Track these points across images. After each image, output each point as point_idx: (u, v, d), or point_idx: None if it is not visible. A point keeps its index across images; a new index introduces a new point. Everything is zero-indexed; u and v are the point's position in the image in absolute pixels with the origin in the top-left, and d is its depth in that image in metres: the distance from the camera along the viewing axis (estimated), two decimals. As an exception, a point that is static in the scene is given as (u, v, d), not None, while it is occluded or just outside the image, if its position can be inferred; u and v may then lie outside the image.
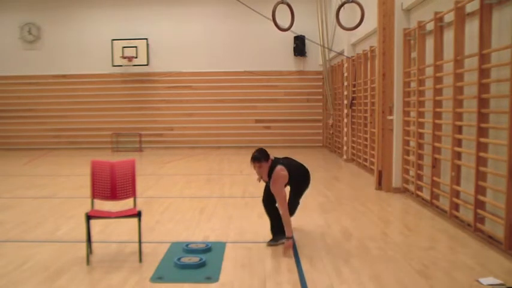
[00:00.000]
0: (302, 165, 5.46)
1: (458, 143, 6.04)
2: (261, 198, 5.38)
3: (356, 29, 6.72)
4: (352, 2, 6.22)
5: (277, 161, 5.15)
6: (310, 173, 5.44)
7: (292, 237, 4.97)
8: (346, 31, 6.98)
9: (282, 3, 6.23)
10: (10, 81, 16.74)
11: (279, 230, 5.19)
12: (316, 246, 5.16)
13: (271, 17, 6.21)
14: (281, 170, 5.04)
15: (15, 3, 16.54)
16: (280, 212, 5.02)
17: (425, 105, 7.24)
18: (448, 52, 6.40)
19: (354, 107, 12.20)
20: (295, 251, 4.99)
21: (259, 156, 5.05)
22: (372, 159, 10.04)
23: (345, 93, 12.73)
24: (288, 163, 5.24)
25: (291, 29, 6.50)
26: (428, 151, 7.10)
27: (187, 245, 5.06)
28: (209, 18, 16.44)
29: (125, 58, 16.09)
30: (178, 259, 4.62)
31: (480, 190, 5.39)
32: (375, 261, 4.65)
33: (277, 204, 5.09)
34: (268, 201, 5.27)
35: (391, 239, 5.46)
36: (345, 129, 12.77)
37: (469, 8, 5.79)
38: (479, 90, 5.34)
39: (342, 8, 6.43)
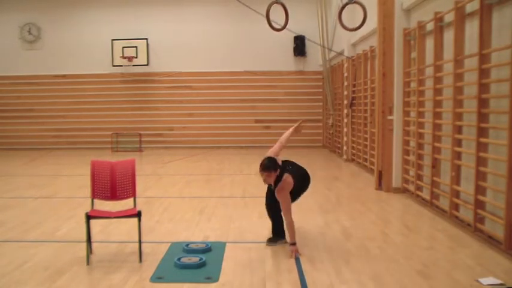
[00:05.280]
0: (304, 170, 5.38)
1: (458, 143, 6.04)
2: (261, 198, 5.38)
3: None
4: (354, 2, 6.19)
5: (284, 168, 5.03)
6: (310, 174, 5.44)
7: (295, 243, 4.90)
8: (347, 31, 6.97)
9: (277, 3, 6.17)
10: (10, 81, 16.74)
11: (279, 231, 5.23)
12: (316, 246, 5.16)
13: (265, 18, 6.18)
14: (288, 178, 4.95)
15: (15, 3, 16.55)
16: (286, 221, 4.96)
17: (425, 105, 7.24)
18: (448, 52, 6.40)
19: (353, 107, 12.20)
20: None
21: (269, 165, 4.90)
22: (372, 159, 10.04)
23: (345, 93, 12.73)
24: (293, 170, 5.14)
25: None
26: (428, 151, 7.10)
27: (187, 245, 5.06)
28: (209, 18, 16.44)
29: (125, 58, 16.09)
30: (178, 259, 4.61)
31: (480, 190, 5.40)
32: (375, 261, 4.65)
33: (282, 213, 5.03)
34: (272, 205, 5.23)
35: (391, 239, 5.46)
36: (345, 129, 12.77)
37: (469, 8, 5.79)
38: (479, 90, 5.34)
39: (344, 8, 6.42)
